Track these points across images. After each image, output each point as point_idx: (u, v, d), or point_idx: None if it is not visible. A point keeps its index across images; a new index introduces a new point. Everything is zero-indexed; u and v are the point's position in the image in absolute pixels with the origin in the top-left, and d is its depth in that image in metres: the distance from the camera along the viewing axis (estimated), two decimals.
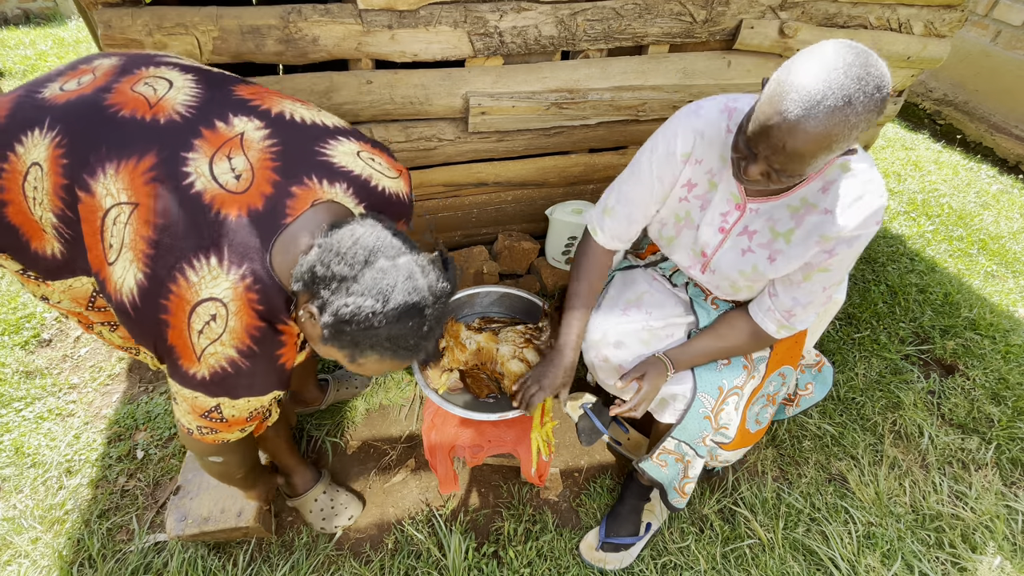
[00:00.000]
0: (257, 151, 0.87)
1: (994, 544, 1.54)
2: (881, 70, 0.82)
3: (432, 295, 0.82)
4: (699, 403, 1.23)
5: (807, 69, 0.83)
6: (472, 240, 2.25)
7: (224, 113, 0.90)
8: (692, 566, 1.47)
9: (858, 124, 0.83)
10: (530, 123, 1.82)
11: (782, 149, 0.87)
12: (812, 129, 0.83)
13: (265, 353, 0.88)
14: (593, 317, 1.36)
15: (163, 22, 1.35)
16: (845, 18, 1.88)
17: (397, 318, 0.79)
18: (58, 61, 3.93)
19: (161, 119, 0.86)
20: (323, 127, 0.98)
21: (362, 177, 0.96)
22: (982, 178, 3.32)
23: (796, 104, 0.83)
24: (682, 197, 1.20)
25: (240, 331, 0.84)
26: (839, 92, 0.81)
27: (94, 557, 1.41)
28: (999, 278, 2.53)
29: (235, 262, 0.81)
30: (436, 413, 1.44)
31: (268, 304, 0.85)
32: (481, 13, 1.55)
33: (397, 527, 1.53)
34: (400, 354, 0.84)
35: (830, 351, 2.09)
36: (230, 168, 0.84)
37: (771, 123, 0.86)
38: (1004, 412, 1.90)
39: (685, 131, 1.13)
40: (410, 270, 0.81)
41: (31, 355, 1.93)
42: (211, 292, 0.81)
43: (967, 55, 3.55)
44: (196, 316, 0.82)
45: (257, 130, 0.89)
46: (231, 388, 0.88)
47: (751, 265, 1.16)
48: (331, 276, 0.79)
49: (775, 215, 1.11)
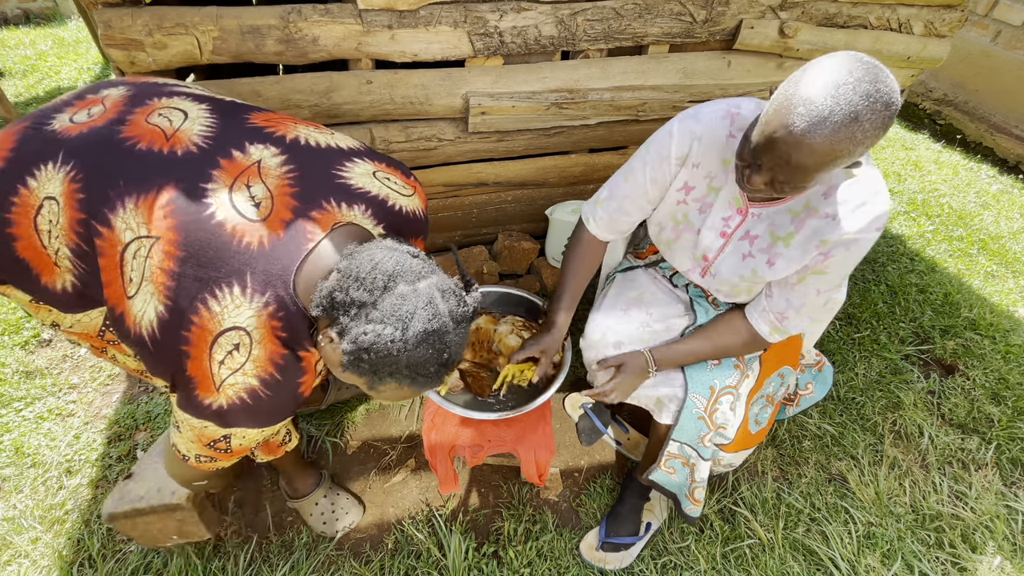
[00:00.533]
0: (275, 177, 0.87)
1: (994, 544, 1.54)
2: (891, 87, 0.81)
3: (453, 320, 0.81)
4: (691, 403, 1.23)
5: (816, 83, 0.83)
6: (472, 240, 2.25)
7: (240, 142, 0.90)
8: (692, 566, 1.47)
9: (864, 141, 0.83)
10: (530, 123, 1.82)
11: (787, 162, 0.87)
12: (817, 144, 0.82)
13: (287, 382, 0.87)
14: (593, 316, 1.36)
15: (163, 22, 1.35)
16: (845, 18, 1.88)
17: (416, 345, 0.77)
18: (58, 61, 3.94)
19: (179, 151, 0.87)
20: (338, 150, 0.98)
21: (379, 197, 0.96)
22: (982, 178, 3.32)
23: (802, 118, 0.82)
24: (679, 200, 1.20)
25: (264, 360, 0.83)
26: (847, 108, 0.80)
27: (94, 557, 1.41)
28: (999, 278, 2.53)
29: (258, 290, 0.81)
30: (436, 413, 1.44)
31: (291, 331, 0.84)
32: (481, 13, 1.55)
33: (397, 527, 1.53)
34: (419, 382, 0.82)
35: (830, 351, 2.09)
36: (249, 196, 0.85)
37: (777, 136, 0.86)
38: (1004, 412, 1.90)
39: (681, 134, 1.13)
40: (430, 295, 0.79)
41: (31, 355, 1.93)
42: (234, 321, 0.81)
43: (967, 55, 3.55)
44: (218, 346, 0.81)
45: (274, 157, 0.90)
46: (248, 418, 0.87)
47: (750, 269, 1.16)
48: (350, 302, 0.77)
49: (776, 220, 1.10)
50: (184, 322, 0.81)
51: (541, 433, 1.41)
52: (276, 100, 1.55)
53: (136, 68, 1.41)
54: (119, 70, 1.42)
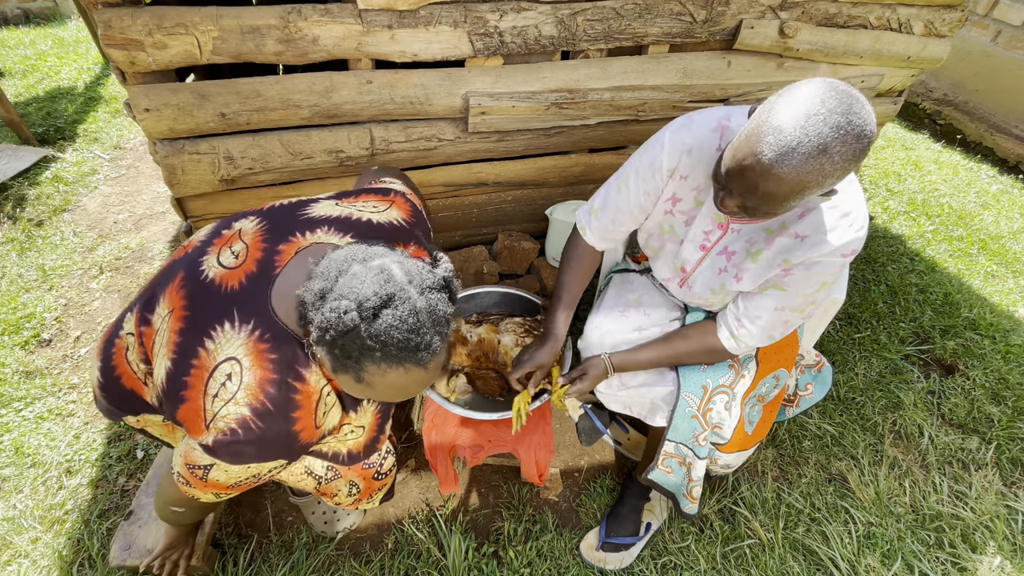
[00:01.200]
0: (251, 234, 0.98)
1: (994, 544, 1.54)
2: (864, 118, 0.80)
3: (417, 288, 0.80)
4: (684, 403, 1.24)
5: (787, 111, 0.82)
6: (472, 240, 2.25)
7: (229, 223, 1.03)
8: (692, 566, 1.47)
9: (834, 172, 0.82)
10: (530, 123, 1.82)
11: (754, 190, 0.86)
12: (785, 175, 0.82)
13: (279, 413, 0.86)
14: (592, 318, 1.36)
15: (163, 22, 1.35)
16: (845, 18, 1.88)
17: (375, 313, 0.77)
18: (58, 61, 3.94)
19: (189, 249, 1.03)
20: (306, 199, 1.08)
21: (341, 216, 1.02)
22: (982, 178, 3.32)
23: (771, 147, 0.82)
24: (667, 210, 1.20)
25: (255, 386, 0.84)
26: (815, 140, 0.79)
27: (94, 557, 1.41)
28: (999, 278, 2.53)
29: (244, 320, 0.87)
30: (436, 413, 1.44)
31: (280, 352, 0.86)
32: (481, 13, 1.55)
33: (397, 527, 1.53)
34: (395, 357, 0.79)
35: (830, 351, 2.09)
36: (231, 253, 0.95)
37: (746, 163, 0.85)
38: (1004, 412, 1.90)
39: (672, 146, 1.11)
40: (383, 265, 0.81)
41: (31, 355, 1.93)
42: (227, 353, 0.86)
43: (967, 55, 3.55)
44: (213, 380, 0.85)
45: (251, 222, 1.01)
46: (235, 453, 0.86)
47: (720, 284, 1.17)
48: (313, 297, 0.81)
49: (754, 236, 1.10)
50: (187, 368, 0.87)
51: (541, 433, 1.42)
52: (276, 100, 1.55)
53: (136, 68, 1.41)
54: (119, 70, 1.42)
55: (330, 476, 1.15)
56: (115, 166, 2.98)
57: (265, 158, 1.65)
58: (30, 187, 2.67)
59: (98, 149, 3.08)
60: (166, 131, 1.52)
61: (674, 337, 1.26)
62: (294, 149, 1.66)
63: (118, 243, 2.43)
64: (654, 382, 1.29)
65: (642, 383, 1.30)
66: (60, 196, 2.66)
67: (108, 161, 3.01)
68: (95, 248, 2.40)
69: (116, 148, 3.13)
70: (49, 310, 2.10)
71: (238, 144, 1.61)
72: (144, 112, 1.47)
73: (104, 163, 2.99)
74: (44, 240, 2.41)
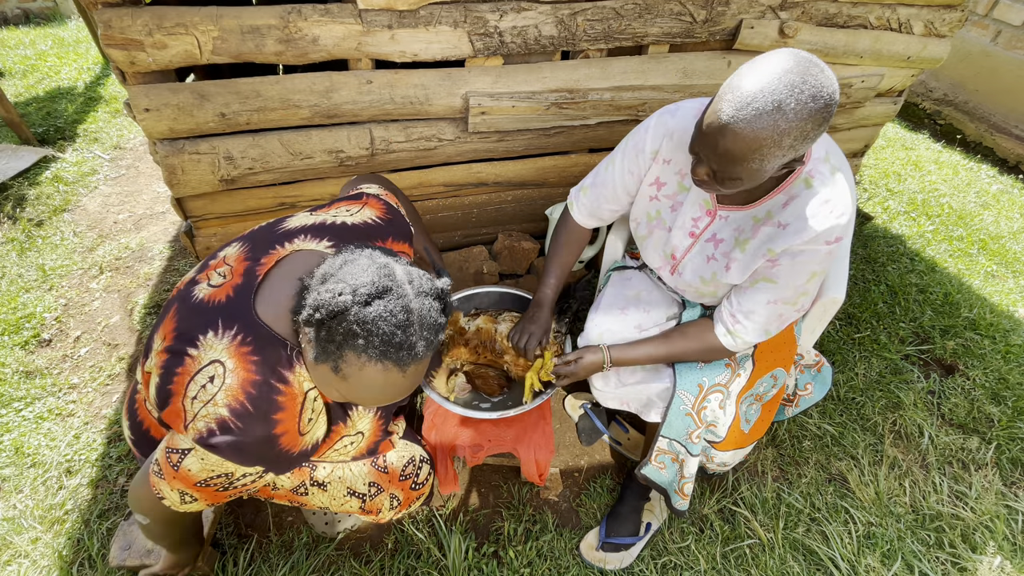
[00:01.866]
0: (234, 256, 1.01)
1: (994, 544, 1.54)
2: (820, 80, 0.83)
3: (414, 290, 0.83)
4: (679, 400, 1.24)
5: (747, 75, 0.86)
6: (472, 240, 2.25)
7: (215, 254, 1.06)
8: (692, 566, 1.47)
9: (789, 131, 0.84)
10: (530, 123, 1.82)
11: (715, 149, 0.90)
12: (740, 130, 0.85)
13: (259, 414, 0.85)
14: (593, 315, 1.37)
15: (163, 22, 1.35)
16: (845, 18, 1.88)
17: (367, 301, 0.77)
18: (58, 61, 3.94)
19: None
20: (282, 217, 1.11)
21: (316, 223, 1.05)
22: (982, 178, 3.32)
23: (729, 105, 0.85)
24: (652, 196, 1.22)
25: (236, 388, 0.84)
26: (769, 96, 0.82)
27: (94, 557, 1.41)
28: (999, 278, 2.53)
29: (228, 327, 0.89)
30: (436, 413, 1.44)
31: (263, 354, 0.87)
32: (481, 13, 1.55)
33: (397, 527, 1.52)
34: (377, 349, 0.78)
35: (830, 351, 2.09)
36: (219, 275, 0.98)
37: (707, 122, 0.89)
38: (1004, 412, 1.90)
39: (656, 129, 1.16)
40: (387, 263, 0.84)
41: (31, 355, 1.93)
42: (210, 357, 0.87)
43: (967, 55, 3.55)
44: (194, 383, 0.85)
45: (234, 248, 1.04)
46: (213, 446, 0.84)
47: (711, 272, 1.18)
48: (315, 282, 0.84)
49: (743, 225, 1.11)
50: (171, 377, 0.88)
51: (541, 433, 1.42)
52: (276, 100, 1.55)
53: (136, 68, 1.41)
54: (119, 70, 1.42)
55: (373, 492, 1.18)
56: (115, 166, 2.99)
57: (265, 158, 1.65)
58: (30, 187, 2.67)
59: (98, 149, 3.08)
60: (166, 131, 1.52)
61: (672, 334, 1.26)
62: (294, 149, 1.67)
63: (118, 243, 2.43)
64: (651, 379, 1.30)
65: (639, 380, 1.31)
66: (60, 196, 2.66)
67: (108, 161, 3.01)
68: (95, 248, 2.40)
69: (116, 148, 3.13)
70: (49, 310, 2.10)
71: (238, 144, 1.61)
72: (144, 112, 1.47)
73: (104, 163, 2.99)
74: (44, 240, 2.41)
